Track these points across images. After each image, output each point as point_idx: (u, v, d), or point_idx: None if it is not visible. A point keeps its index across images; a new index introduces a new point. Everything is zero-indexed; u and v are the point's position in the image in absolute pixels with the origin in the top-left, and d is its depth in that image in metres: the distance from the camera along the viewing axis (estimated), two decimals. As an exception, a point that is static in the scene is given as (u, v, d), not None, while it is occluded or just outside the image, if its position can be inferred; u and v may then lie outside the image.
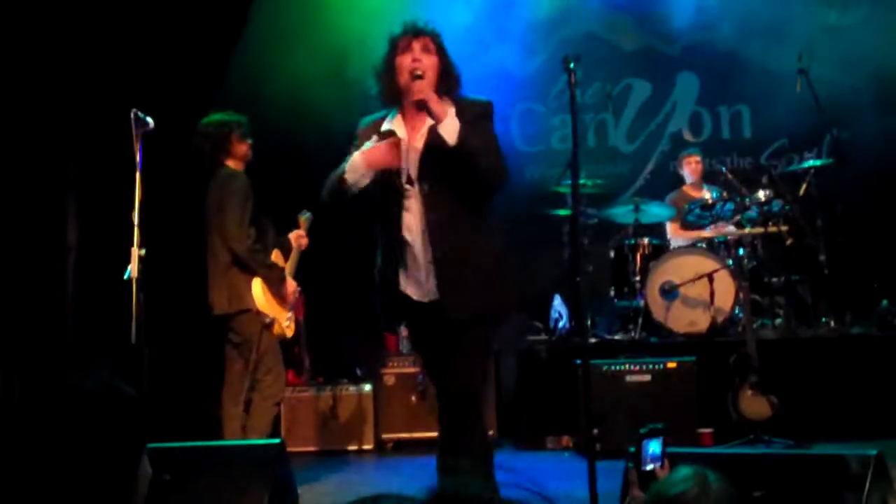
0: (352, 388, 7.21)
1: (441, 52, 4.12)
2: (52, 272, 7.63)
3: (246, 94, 7.57)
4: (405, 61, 4.05)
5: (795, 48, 7.97)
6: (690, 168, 8.44)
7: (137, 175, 4.92)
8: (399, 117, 4.18)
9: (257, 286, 5.57)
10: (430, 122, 4.03)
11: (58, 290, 7.63)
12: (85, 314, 7.50)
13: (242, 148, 5.73)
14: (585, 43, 9.20)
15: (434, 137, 3.99)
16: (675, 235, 8.25)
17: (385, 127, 4.14)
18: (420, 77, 3.98)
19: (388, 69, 4.11)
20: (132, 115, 4.96)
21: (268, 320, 5.58)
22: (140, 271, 4.87)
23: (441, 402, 4.25)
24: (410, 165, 4.07)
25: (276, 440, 4.77)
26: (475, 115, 4.09)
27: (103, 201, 6.94)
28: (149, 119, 5.04)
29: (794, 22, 8.67)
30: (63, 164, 7.75)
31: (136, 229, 4.87)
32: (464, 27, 8.30)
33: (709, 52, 9.09)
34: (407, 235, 4.08)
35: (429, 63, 4.05)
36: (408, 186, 4.07)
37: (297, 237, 5.93)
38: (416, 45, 4.07)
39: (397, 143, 4.00)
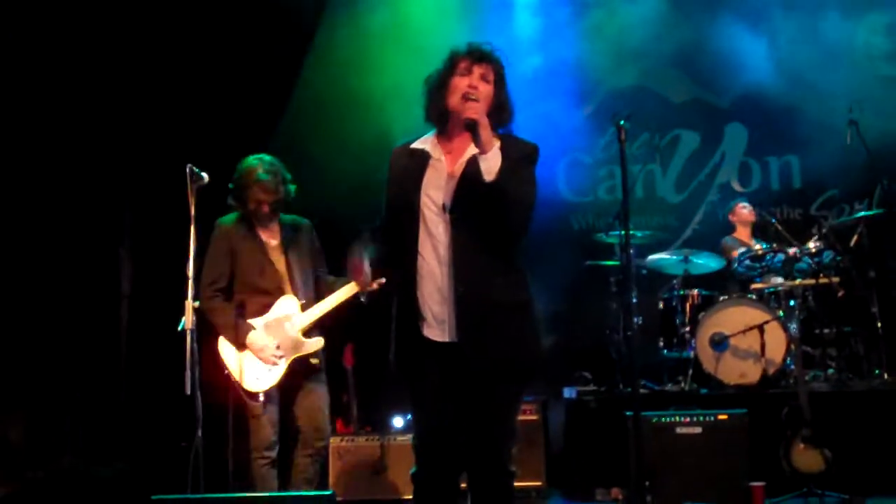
0: (400, 438, 7.18)
1: (500, 83, 3.92)
2: (107, 321, 7.78)
3: (291, 152, 7.66)
4: (461, 83, 3.85)
5: (845, 99, 7.97)
6: (740, 217, 8.47)
7: (192, 228, 4.99)
8: (434, 139, 3.97)
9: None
10: (471, 150, 3.81)
11: (112, 339, 7.77)
12: (138, 364, 7.62)
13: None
14: (633, 94, 9.27)
15: (473, 168, 3.78)
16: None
17: (417, 146, 3.98)
18: (475, 100, 3.79)
19: (440, 86, 3.90)
20: (188, 170, 5.04)
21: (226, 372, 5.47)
22: (194, 323, 4.94)
23: (470, 474, 3.90)
24: (446, 192, 3.85)
25: (328, 492, 4.78)
26: (520, 157, 3.85)
27: (158, 254, 7.07)
28: (203, 174, 5.11)
29: (844, 73, 8.67)
30: (118, 215, 7.92)
31: (189, 281, 4.93)
32: (511, 76, 8.36)
33: (758, 103, 9.09)
34: (435, 266, 3.83)
35: (485, 91, 3.85)
36: (441, 214, 3.83)
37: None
38: (477, 71, 3.87)
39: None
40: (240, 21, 8.01)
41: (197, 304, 4.98)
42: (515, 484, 3.96)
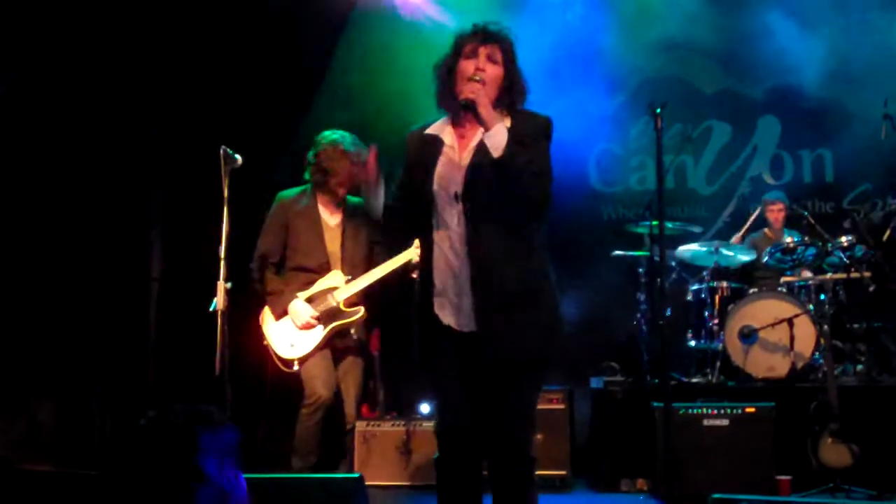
0: (425, 424, 7.18)
1: (509, 63, 3.83)
2: (136, 304, 7.82)
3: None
4: (468, 67, 3.78)
5: (881, 93, 7.89)
6: (773, 215, 8.42)
7: (225, 209, 5.01)
8: (448, 125, 3.91)
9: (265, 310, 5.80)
10: (481, 135, 3.74)
11: (141, 321, 7.81)
12: (168, 345, 7.66)
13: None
14: (666, 85, 9.21)
15: (482, 153, 3.71)
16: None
17: (431, 131, 3.92)
18: (478, 80, 3.71)
19: (448, 71, 3.85)
20: (221, 152, 5.06)
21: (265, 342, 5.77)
22: (225, 304, 4.96)
23: (490, 462, 3.86)
24: (457, 181, 3.79)
25: (356, 474, 4.79)
26: (532, 131, 3.79)
27: (189, 236, 7.09)
28: (237, 156, 5.13)
29: (879, 66, 8.58)
30: (149, 198, 7.96)
31: (222, 262, 4.95)
32: (543, 65, 8.33)
33: (791, 95, 9.01)
34: (451, 256, 3.79)
35: (492, 73, 3.78)
36: (454, 202, 3.78)
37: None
38: (483, 53, 3.79)
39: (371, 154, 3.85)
40: (274, 8, 8.01)
41: (229, 285, 5.01)
42: (540, 473, 3.96)
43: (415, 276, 5.32)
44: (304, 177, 5.86)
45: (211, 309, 5.05)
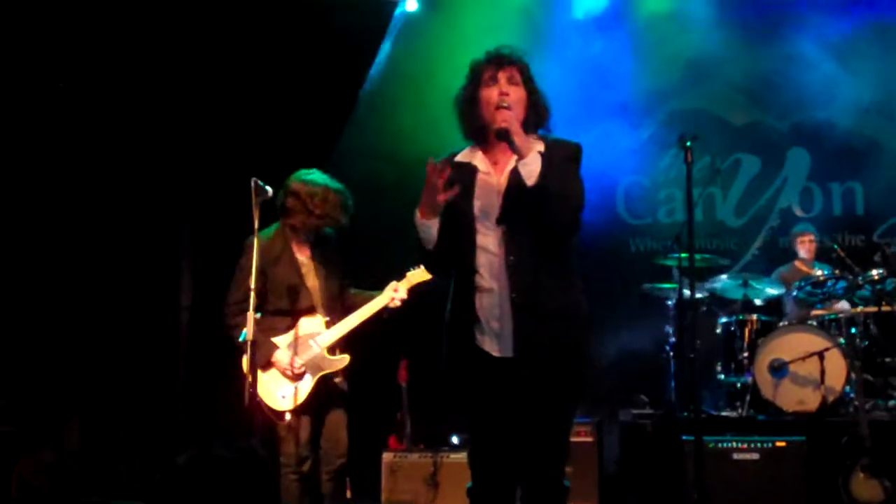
0: (453, 455, 7.16)
1: (529, 83, 3.86)
2: (166, 332, 7.87)
3: (349, 166, 7.66)
4: (491, 94, 3.79)
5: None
6: (804, 247, 8.39)
7: (255, 240, 5.04)
8: (478, 151, 3.91)
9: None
10: (514, 160, 3.74)
11: (171, 349, 7.86)
12: (197, 373, 7.69)
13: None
14: (693, 117, 9.23)
15: (516, 177, 3.72)
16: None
17: (462, 159, 3.91)
18: (506, 107, 3.74)
19: (470, 102, 3.86)
20: (252, 184, 5.08)
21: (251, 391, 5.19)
22: (255, 334, 4.97)
23: (524, 489, 3.84)
24: (495, 206, 3.80)
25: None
26: (564, 157, 3.80)
27: (220, 265, 7.12)
28: (268, 188, 5.16)
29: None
30: (179, 228, 8.03)
31: (252, 293, 4.97)
32: (571, 98, 8.35)
33: (820, 128, 8.99)
34: (490, 280, 3.78)
35: (516, 96, 3.80)
36: (493, 227, 3.78)
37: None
38: (502, 77, 3.82)
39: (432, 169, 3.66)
40: (302, 38, 8.08)
41: (259, 315, 5.02)
42: (568, 504, 3.95)
43: (385, 316, 5.43)
44: (282, 215, 5.55)
45: (241, 339, 5.08)
